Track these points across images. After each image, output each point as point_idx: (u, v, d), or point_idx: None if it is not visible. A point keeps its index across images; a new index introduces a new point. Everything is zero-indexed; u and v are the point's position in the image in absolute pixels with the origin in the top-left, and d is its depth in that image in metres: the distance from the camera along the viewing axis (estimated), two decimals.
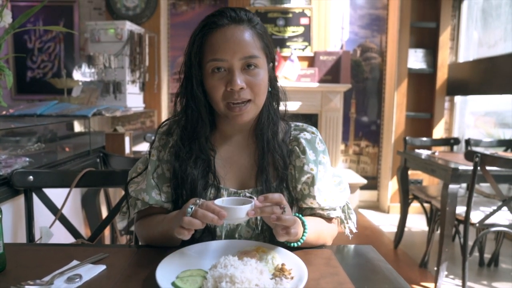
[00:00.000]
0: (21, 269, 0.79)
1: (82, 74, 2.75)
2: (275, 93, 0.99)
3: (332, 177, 1.01)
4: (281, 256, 0.83)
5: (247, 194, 0.94)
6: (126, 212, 1.01)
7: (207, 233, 0.93)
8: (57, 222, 1.35)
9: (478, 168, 2.10)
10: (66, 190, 1.37)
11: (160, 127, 1.02)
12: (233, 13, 0.89)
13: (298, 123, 1.04)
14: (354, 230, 1.04)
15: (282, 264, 0.79)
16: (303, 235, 0.86)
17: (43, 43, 3.93)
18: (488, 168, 2.09)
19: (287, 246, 0.88)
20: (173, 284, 0.70)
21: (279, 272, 0.76)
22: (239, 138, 0.99)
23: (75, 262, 0.82)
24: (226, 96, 0.89)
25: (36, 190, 1.34)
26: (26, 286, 0.67)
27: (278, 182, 0.95)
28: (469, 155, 2.13)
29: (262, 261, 0.81)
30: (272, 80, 0.98)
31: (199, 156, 0.93)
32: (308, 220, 0.90)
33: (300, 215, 0.88)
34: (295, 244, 0.86)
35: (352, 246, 0.97)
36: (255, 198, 0.81)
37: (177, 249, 0.84)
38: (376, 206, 4.22)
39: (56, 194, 1.38)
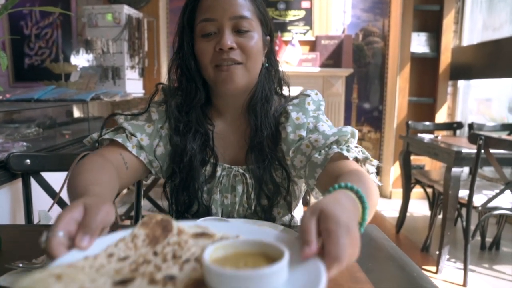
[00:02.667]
0: (16, 250, 0.77)
1: (80, 59, 2.71)
2: (272, 69, 0.95)
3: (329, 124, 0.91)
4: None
5: (240, 170, 0.92)
6: (92, 140, 0.93)
7: (203, 209, 0.91)
8: (56, 206, 1.34)
9: (482, 151, 2.07)
10: (65, 173, 1.35)
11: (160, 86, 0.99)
12: None
13: (294, 95, 0.98)
14: (375, 164, 0.84)
15: None
16: (363, 218, 0.59)
17: (40, 29, 3.87)
18: (492, 151, 2.07)
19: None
20: None
21: None
22: (232, 115, 0.96)
23: None
24: (215, 58, 0.85)
25: (34, 174, 1.33)
26: (21, 264, 0.65)
27: (268, 161, 0.90)
28: (473, 138, 2.10)
29: None
30: (270, 54, 0.94)
31: (197, 130, 0.91)
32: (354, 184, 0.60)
33: (347, 184, 0.59)
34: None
35: None
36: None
37: None
38: None
39: (55, 178, 1.37)
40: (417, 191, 3.06)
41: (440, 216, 2.54)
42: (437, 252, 2.42)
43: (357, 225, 0.54)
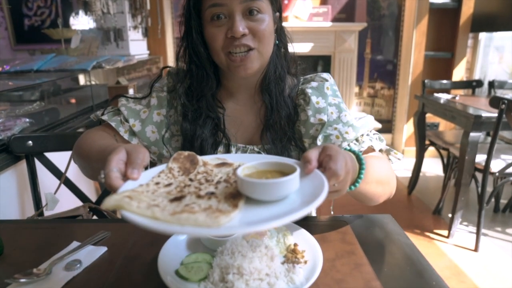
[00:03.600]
0: (19, 253, 0.75)
1: (79, 22, 2.58)
2: (282, 46, 0.91)
3: (350, 114, 0.93)
4: (293, 234, 0.77)
5: (256, 149, 0.91)
6: (96, 117, 0.94)
7: None
8: (63, 186, 1.32)
9: (504, 115, 1.97)
10: (69, 153, 1.32)
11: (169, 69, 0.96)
12: None
13: (308, 76, 0.96)
14: (401, 158, 0.90)
15: (295, 245, 0.73)
16: (359, 175, 0.68)
17: None
18: None
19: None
20: (176, 272, 0.65)
21: (291, 255, 0.71)
22: (245, 95, 0.93)
23: (75, 244, 0.77)
24: (227, 44, 0.81)
25: (38, 155, 1.30)
26: (22, 280, 0.63)
27: (285, 141, 0.89)
28: (495, 102, 1.99)
29: (273, 239, 0.76)
30: (279, 31, 0.90)
31: (208, 115, 0.88)
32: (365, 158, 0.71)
33: (351, 148, 0.71)
34: (351, 188, 0.69)
35: (369, 216, 0.91)
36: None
37: None
38: None
39: (60, 158, 1.34)
40: (430, 149, 2.99)
41: (454, 179, 2.49)
42: (450, 215, 2.40)
43: (352, 167, 0.65)
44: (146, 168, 0.61)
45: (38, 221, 1.08)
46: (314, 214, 1.05)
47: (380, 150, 0.90)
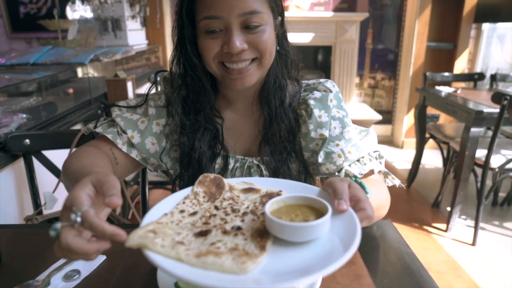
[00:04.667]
0: (18, 262, 0.75)
1: (76, 12, 2.53)
2: (283, 53, 0.85)
3: (354, 129, 0.89)
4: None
5: (255, 162, 0.87)
6: (88, 130, 0.89)
7: None
8: (62, 184, 1.32)
9: (505, 111, 1.95)
10: (67, 151, 1.31)
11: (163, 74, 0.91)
12: None
13: (310, 82, 0.90)
14: (398, 184, 0.86)
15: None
16: None
17: None
18: None
19: None
20: (175, 285, 0.65)
21: None
22: (243, 104, 0.88)
23: None
24: (220, 55, 0.76)
25: (35, 153, 1.28)
26: None
27: (286, 154, 0.85)
28: (497, 98, 1.97)
29: None
30: (280, 37, 0.84)
31: (206, 127, 0.84)
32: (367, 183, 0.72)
33: (356, 179, 0.72)
34: None
35: None
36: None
37: None
38: (390, 141, 4.14)
39: (58, 155, 1.32)
40: (431, 140, 2.98)
41: (453, 173, 2.49)
42: (448, 209, 2.41)
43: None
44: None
45: (36, 226, 1.08)
46: None
47: (379, 172, 0.86)
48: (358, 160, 0.84)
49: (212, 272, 0.44)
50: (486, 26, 3.62)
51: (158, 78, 0.99)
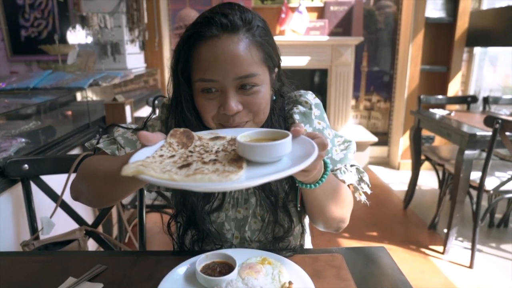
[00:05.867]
0: None
1: (76, 37, 2.59)
2: (280, 101, 0.87)
3: (333, 138, 0.90)
4: (289, 271, 0.77)
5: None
6: (91, 145, 0.91)
7: (214, 232, 0.88)
8: (60, 209, 1.32)
9: (497, 134, 1.99)
10: (65, 175, 1.32)
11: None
12: (224, 19, 0.72)
13: (291, 94, 0.91)
14: (369, 191, 0.90)
15: (289, 283, 0.74)
16: (322, 177, 0.72)
17: None
18: (508, 133, 1.98)
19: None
20: None
21: None
22: None
23: (71, 280, 0.77)
24: (219, 117, 0.77)
25: (34, 178, 1.29)
26: None
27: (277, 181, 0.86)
28: (489, 121, 2.01)
29: (268, 276, 0.76)
30: (277, 86, 0.85)
31: None
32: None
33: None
34: (312, 186, 0.72)
35: (364, 248, 0.92)
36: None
37: (178, 264, 0.79)
38: (386, 162, 4.16)
39: (56, 180, 1.33)
40: (426, 162, 3.00)
41: (449, 195, 2.50)
42: (445, 231, 2.41)
43: (320, 166, 0.70)
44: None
45: (33, 253, 1.08)
46: (310, 246, 1.05)
47: (350, 185, 0.89)
48: (333, 172, 0.86)
49: (203, 183, 0.51)
50: (477, 49, 3.70)
51: (156, 102, 1.03)
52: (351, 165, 0.90)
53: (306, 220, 1.03)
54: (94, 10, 2.70)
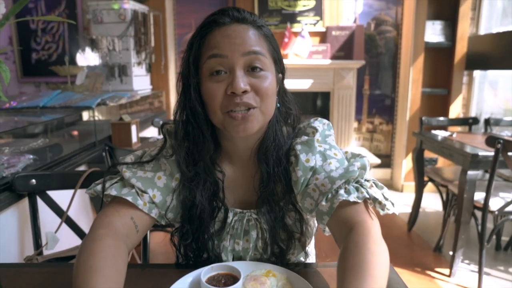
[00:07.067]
0: None
1: (85, 59, 2.66)
2: (284, 111, 0.87)
3: (342, 158, 0.83)
4: (293, 283, 0.77)
5: (253, 215, 0.86)
6: (96, 192, 0.83)
7: (213, 256, 0.87)
8: (64, 224, 1.33)
9: (500, 154, 2.00)
10: (71, 191, 1.33)
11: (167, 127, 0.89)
12: (236, 12, 0.79)
13: (301, 125, 0.89)
14: (392, 211, 0.77)
15: None
16: None
17: (46, 23, 3.82)
18: (510, 154, 1.99)
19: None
20: None
21: None
22: (241, 158, 0.88)
23: None
24: (226, 103, 0.76)
25: (40, 193, 1.31)
26: None
27: (281, 213, 0.85)
28: (491, 141, 2.02)
29: None
30: (282, 93, 0.87)
31: (206, 180, 0.83)
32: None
33: None
34: None
35: None
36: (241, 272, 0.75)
37: (182, 276, 0.79)
38: (389, 184, 4.15)
39: (62, 195, 1.35)
40: (430, 184, 2.99)
41: (454, 216, 2.49)
42: (451, 253, 2.38)
43: None
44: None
45: (38, 264, 1.08)
46: (313, 261, 1.04)
47: (368, 200, 0.76)
48: (336, 192, 0.77)
49: None
50: (477, 73, 3.76)
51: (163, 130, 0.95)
52: (366, 180, 0.80)
53: (311, 244, 1.02)
54: (104, 34, 2.79)
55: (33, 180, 1.29)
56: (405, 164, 3.94)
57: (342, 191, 0.75)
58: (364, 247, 0.67)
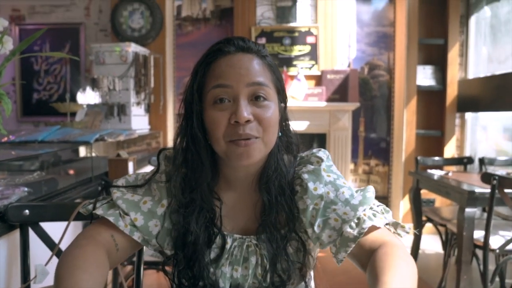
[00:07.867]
0: None
1: (85, 97, 2.72)
2: (285, 140, 0.88)
3: (348, 189, 0.84)
4: None
5: (253, 241, 0.84)
6: (88, 211, 0.87)
7: (209, 285, 0.84)
8: (55, 257, 1.29)
9: (496, 191, 2.00)
10: (65, 223, 1.31)
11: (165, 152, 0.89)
12: (241, 41, 0.81)
13: (303, 154, 0.90)
14: (407, 231, 0.81)
15: None
16: None
17: (49, 65, 3.94)
18: (506, 190, 2.00)
19: None
20: None
21: None
22: (242, 186, 0.87)
23: None
24: (229, 132, 0.77)
25: (33, 225, 1.28)
26: None
27: (284, 241, 0.83)
28: (486, 178, 2.03)
29: None
30: (283, 122, 0.88)
31: (202, 207, 0.82)
32: None
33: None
34: None
35: None
36: None
37: None
38: None
39: (54, 226, 1.32)
40: (428, 225, 2.96)
41: (455, 256, 2.44)
42: None
43: None
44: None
45: None
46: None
47: (387, 224, 0.80)
48: (358, 219, 0.78)
49: None
50: (469, 115, 3.85)
51: (161, 156, 0.96)
52: (377, 205, 0.83)
53: (311, 276, 0.99)
54: (105, 74, 2.87)
55: (27, 211, 1.26)
56: (403, 206, 3.91)
57: (366, 218, 0.78)
58: (396, 255, 0.70)
